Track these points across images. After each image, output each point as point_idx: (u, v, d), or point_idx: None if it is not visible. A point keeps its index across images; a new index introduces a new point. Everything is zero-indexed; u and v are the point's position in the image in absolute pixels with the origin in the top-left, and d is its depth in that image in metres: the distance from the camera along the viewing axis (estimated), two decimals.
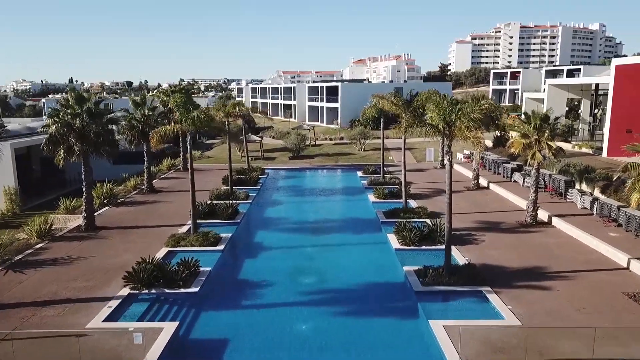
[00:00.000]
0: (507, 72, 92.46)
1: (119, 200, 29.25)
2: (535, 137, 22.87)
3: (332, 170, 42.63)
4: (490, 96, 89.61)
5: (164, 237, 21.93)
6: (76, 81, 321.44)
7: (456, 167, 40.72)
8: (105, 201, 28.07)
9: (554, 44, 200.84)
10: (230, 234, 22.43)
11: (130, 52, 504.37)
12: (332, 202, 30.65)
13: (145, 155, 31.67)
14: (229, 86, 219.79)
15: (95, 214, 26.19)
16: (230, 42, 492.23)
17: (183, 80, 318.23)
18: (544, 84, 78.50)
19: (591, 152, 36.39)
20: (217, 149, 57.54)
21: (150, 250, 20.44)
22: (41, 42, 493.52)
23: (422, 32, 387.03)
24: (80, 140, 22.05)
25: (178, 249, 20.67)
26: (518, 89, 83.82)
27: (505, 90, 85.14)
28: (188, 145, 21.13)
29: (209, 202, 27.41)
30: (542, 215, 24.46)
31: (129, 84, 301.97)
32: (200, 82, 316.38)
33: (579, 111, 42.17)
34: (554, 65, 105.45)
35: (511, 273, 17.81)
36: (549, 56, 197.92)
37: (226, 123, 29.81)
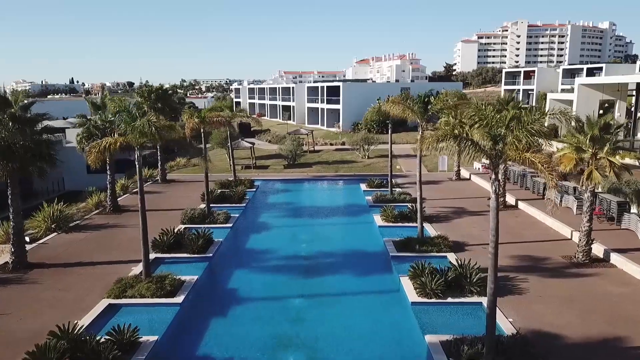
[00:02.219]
0: (520, 72, 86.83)
1: (71, 224, 24.12)
2: (591, 151, 17.66)
3: (331, 182, 37.41)
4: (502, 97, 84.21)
5: (110, 280, 16.85)
6: (77, 81, 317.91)
7: (474, 179, 35.55)
8: (53, 226, 22.95)
9: (562, 43, 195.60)
10: (196, 277, 17.28)
11: (132, 53, 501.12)
12: (329, 227, 25.29)
13: (107, 167, 26.56)
14: (231, 87, 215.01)
15: (36, 243, 21.27)
16: (232, 43, 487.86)
17: (184, 81, 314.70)
18: (561, 84, 73.28)
19: (637, 163, 30.98)
20: (208, 154, 52.43)
21: (85, 303, 15.40)
22: (42, 42, 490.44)
23: (426, 32, 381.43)
24: (1, 157, 16.93)
25: (123, 301, 15.54)
26: (533, 90, 78.34)
27: (519, 90, 79.65)
28: (137, 163, 15.98)
29: (177, 228, 22.31)
30: (596, 248, 19.23)
31: (130, 84, 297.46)
32: (201, 83, 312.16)
33: (617, 114, 36.91)
34: (572, 64, 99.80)
35: (578, 348, 12.62)
36: (558, 55, 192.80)
37: (201, 131, 24.62)
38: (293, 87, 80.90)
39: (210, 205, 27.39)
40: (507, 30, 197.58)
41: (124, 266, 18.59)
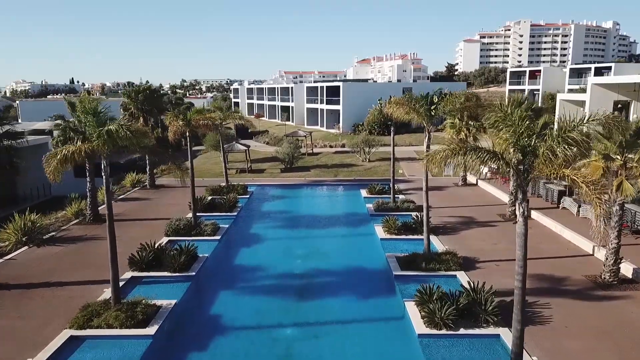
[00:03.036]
0: (525, 71, 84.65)
1: (46, 236, 22.12)
2: (621, 159, 15.63)
3: (330, 187, 35.35)
4: (507, 97, 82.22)
5: (77, 305, 14.86)
6: (77, 82, 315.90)
7: (481, 184, 33.51)
8: (24, 239, 20.94)
9: (565, 42, 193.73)
10: (174, 302, 15.25)
11: (132, 53, 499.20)
12: (327, 240, 23.06)
13: (87, 173, 24.60)
14: (231, 87, 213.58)
15: (2, 259, 19.33)
16: (233, 43, 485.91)
17: (185, 81, 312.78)
18: (568, 84, 71.21)
19: None
20: (202, 157, 50.48)
21: (44, 334, 13.43)
22: (42, 42, 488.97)
23: (427, 32, 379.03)
24: None
25: (87, 332, 13.53)
26: (538, 90, 76.22)
27: (524, 91, 77.54)
28: (103, 174, 14.00)
29: (159, 242, 20.37)
30: (624, 267, 17.18)
31: (131, 84, 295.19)
32: (202, 83, 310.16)
33: (633, 116, 34.86)
34: (579, 63, 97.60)
35: None
36: (561, 55, 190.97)
37: (187, 135, 22.51)
38: (292, 87, 78.86)
39: (199, 214, 25.50)
40: (509, 30, 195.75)
41: (96, 287, 16.60)
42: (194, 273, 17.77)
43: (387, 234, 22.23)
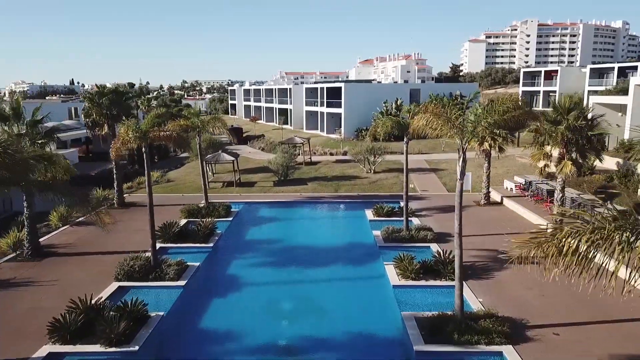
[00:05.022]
0: (540, 72, 79.42)
1: None
2: None
3: (329, 206, 30.25)
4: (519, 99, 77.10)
5: None
6: (77, 82, 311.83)
7: (507, 203, 28.49)
8: None
9: (574, 42, 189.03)
10: None
11: (133, 53, 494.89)
12: (322, 288, 17.65)
13: (23, 196, 19.69)
14: (232, 87, 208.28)
15: None
16: (234, 43, 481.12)
17: (185, 82, 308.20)
18: (588, 85, 66.09)
19: None
20: (188, 166, 45.47)
21: None
22: (43, 43, 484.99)
23: (431, 32, 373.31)
24: None
25: None
26: (555, 91, 71.04)
27: (539, 92, 72.50)
28: None
29: (102, 293, 15.41)
30: None
31: (131, 85, 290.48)
32: (203, 84, 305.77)
33: None
34: (600, 63, 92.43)
35: None
36: (569, 55, 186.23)
37: (143, 152, 17.36)
38: (290, 89, 73.80)
39: (168, 245, 20.74)
40: (516, 30, 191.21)
41: None
42: (136, 348, 12.74)
43: (401, 278, 17.20)
